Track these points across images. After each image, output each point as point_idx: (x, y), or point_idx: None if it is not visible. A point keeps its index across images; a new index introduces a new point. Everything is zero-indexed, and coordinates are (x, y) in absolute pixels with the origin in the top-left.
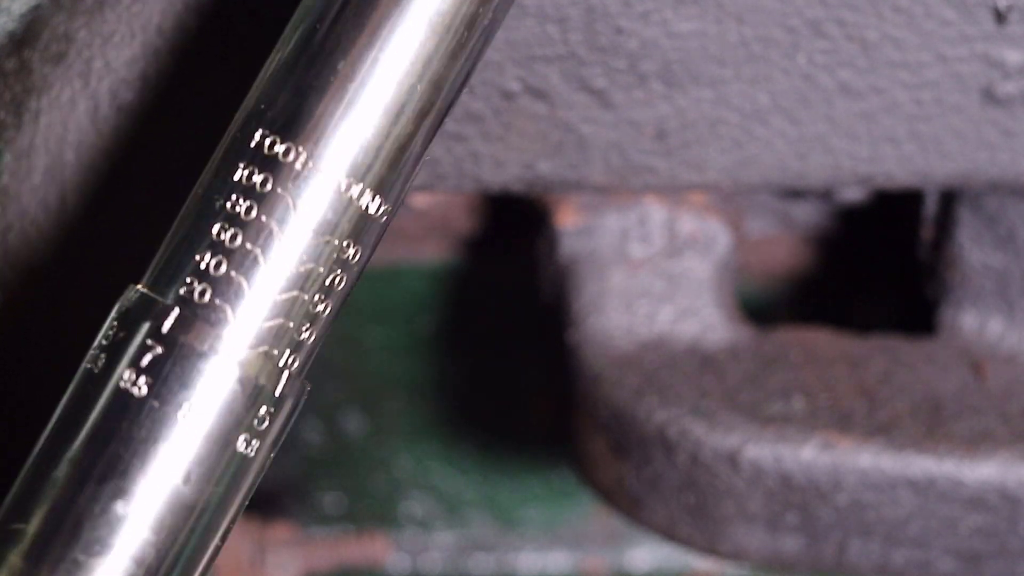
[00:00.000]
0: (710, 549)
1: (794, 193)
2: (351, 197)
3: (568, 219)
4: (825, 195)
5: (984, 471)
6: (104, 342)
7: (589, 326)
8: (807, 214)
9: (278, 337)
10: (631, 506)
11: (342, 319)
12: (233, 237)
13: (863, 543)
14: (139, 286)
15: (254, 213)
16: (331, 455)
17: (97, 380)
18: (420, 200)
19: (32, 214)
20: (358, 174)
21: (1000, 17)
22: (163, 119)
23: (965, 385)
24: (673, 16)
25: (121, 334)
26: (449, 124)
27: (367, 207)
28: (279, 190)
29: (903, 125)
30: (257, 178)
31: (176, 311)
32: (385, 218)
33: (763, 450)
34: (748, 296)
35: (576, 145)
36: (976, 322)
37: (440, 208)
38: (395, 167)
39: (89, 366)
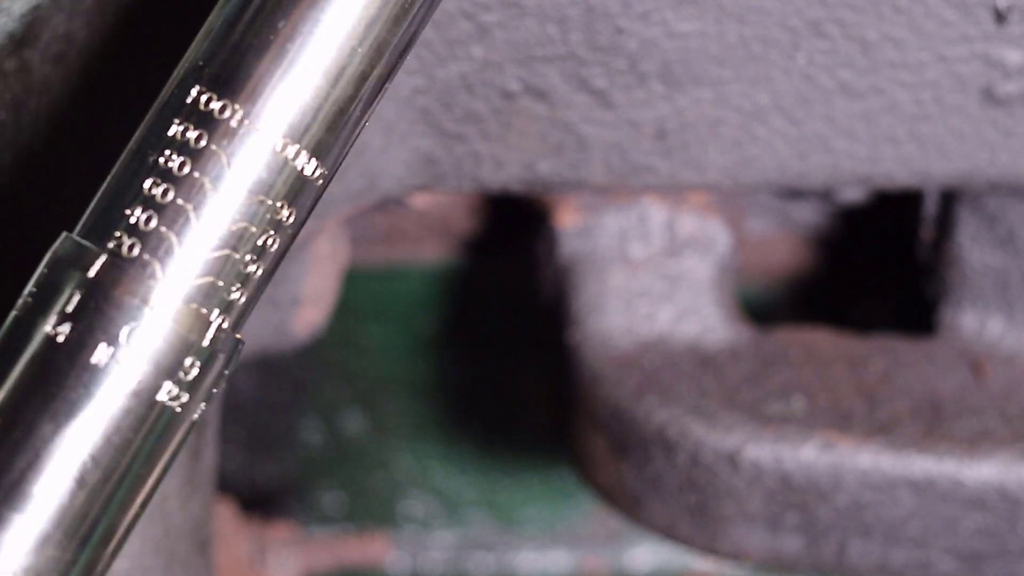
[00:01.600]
0: (710, 549)
1: (794, 193)
2: (287, 158)
3: (568, 219)
4: (825, 195)
5: (984, 471)
6: (34, 288)
7: (589, 326)
8: (807, 214)
9: (207, 295)
10: (631, 506)
11: (342, 319)
12: (165, 192)
13: (863, 543)
14: (72, 235)
15: (187, 169)
16: (331, 455)
17: (24, 325)
18: (420, 200)
19: (32, 214)
20: (295, 135)
21: (1000, 17)
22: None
23: (965, 385)
24: (673, 16)
25: (50, 281)
26: (449, 124)
27: (303, 169)
28: (214, 147)
29: (903, 125)
30: (192, 134)
31: (105, 261)
32: (321, 181)
33: (763, 450)
34: (748, 296)
35: (576, 145)
36: (976, 322)
37: (440, 208)
38: (333, 130)
39: (17, 312)
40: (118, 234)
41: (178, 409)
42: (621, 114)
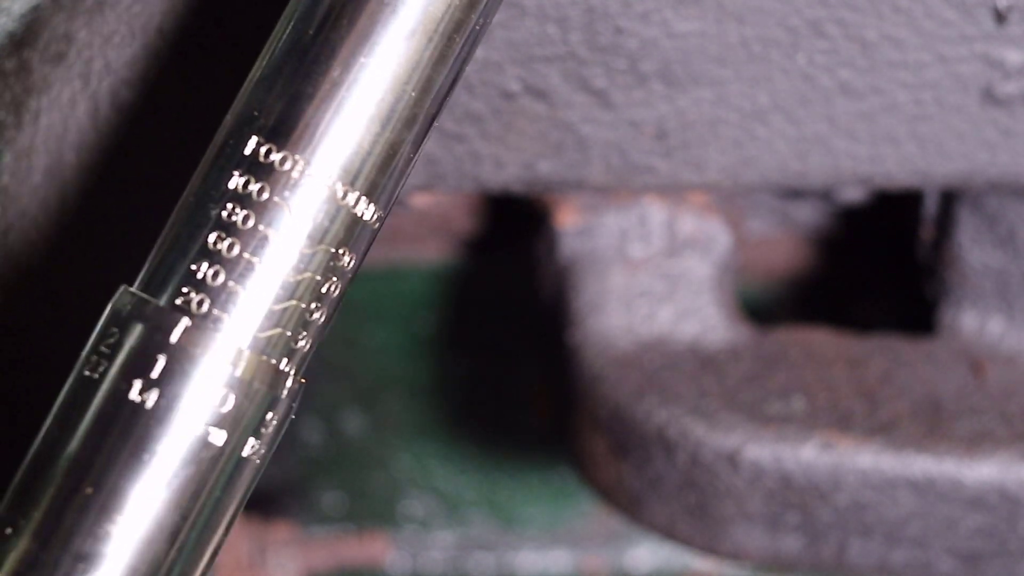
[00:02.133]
0: (710, 549)
1: (794, 193)
2: (346, 204)
3: (568, 219)
4: (825, 195)
5: (984, 471)
6: (100, 345)
7: (589, 326)
8: (807, 214)
9: (275, 345)
10: (631, 506)
11: (342, 319)
12: (231, 246)
13: (863, 543)
14: (132, 288)
15: (251, 222)
16: (331, 455)
17: (93, 384)
18: (420, 200)
19: (32, 214)
20: (351, 180)
21: (1000, 17)
22: (161, 119)
23: (965, 385)
24: (673, 16)
25: (116, 338)
26: (449, 124)
27: (360, 213)
28: (276, 199)
29: (903, 125)
30: (254, 187)
31: (179, 318)
32: (377, 224)
33: (763, 450)
34: (748, 296)
35: (576, 145)
36: (976, 322)
37: (440, 208)
38: (386, 172)
39: (87, 372)
40: (186, 288)
41: (258, 461)
42: (621, 114)
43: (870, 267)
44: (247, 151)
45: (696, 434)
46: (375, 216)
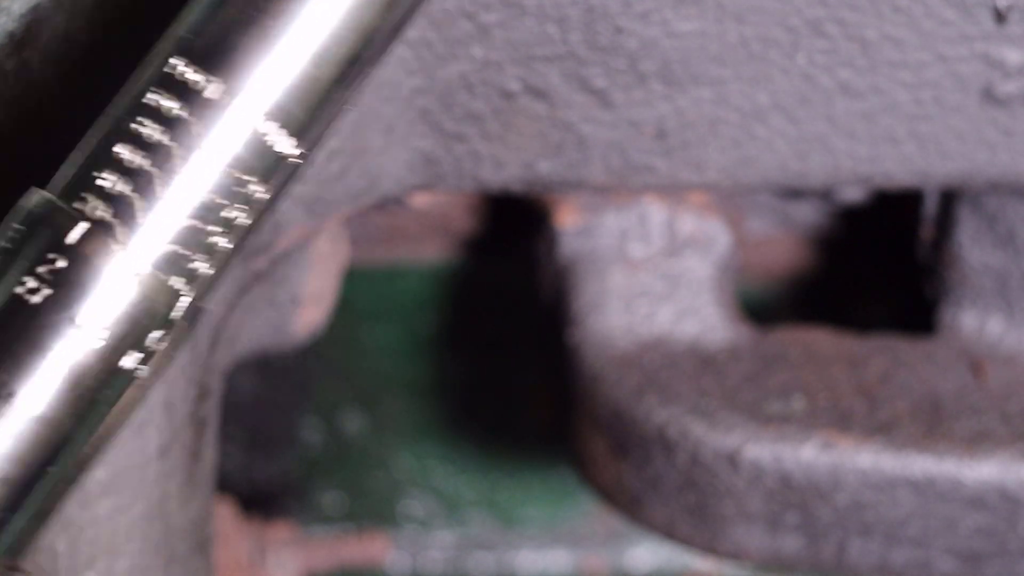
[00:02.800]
0: (710, 549)
1: (794, 193)
2: (262, 134)
3: (568, 219)
4: (825, 195)
5: (984, 471)
6: (6, 244)
7: (589, 326)
8: (807, 214)
9: (173, 263)
10: (631, 506)
11: (342, 319)
12: (135, 158)
13: (863, 543)
14: (43, 192)
15: (159, 136)
16: (331, 455)
17: None
18: (420, 200)
19: None
20: (273, 113)
21: (1000, 17)
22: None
23: (965, 385)
24: (673, 16)
25: (19, 238)
26: (449, 124)
27: (278, 146)
28: (188, 117)
29: (903, 125)
30: (168, 103)
31: (80, 224)
32: (296, 160)
33: (763, 450)
34: (748, 296)
35: (576, 145)
36: (976, 322)
37: (440, 208)
38: (312, 111)
39: None
40: (91, 196)
41: (139, 373)
42: (621, 114)
43: (870, 267)
44: (167, 70)
45: (696, 434)
46: (295, 152)
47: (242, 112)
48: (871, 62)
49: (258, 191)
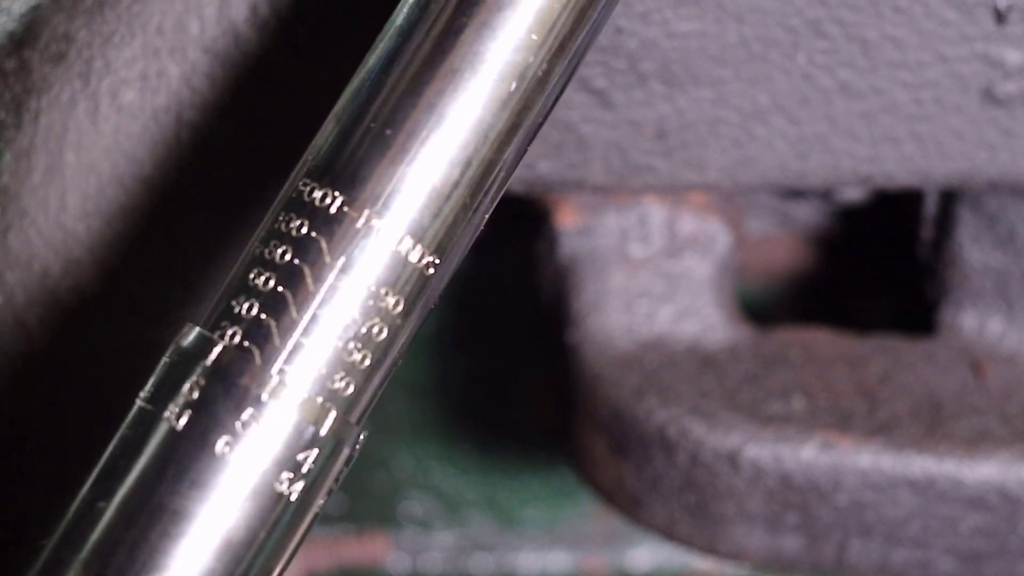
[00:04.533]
0: (710, 549)
1: (794, 193)
2: (389, 246)
3: (568, 219)
4: (825, 195)
5: (984, 471)
6: (167, 383)
7: (589, 326)
8: (807, 214)
9: (315, 383)
10: (631, 506)
11: None
12: (267, 281)
13: (863, 543)
14: (196, 326)
15: (288, 257)
16: None
17: (150, 416)
18: None
19: (32, 214)
20: (402, 225)
21: (1000, 17)
22: (160, 118)
23: (965, 385)
24: (673, 16)
25: (170, 371)
26: None
27: (408, 257)
28: (313, 235)
29: (903, 125)
30: (295, 223)
31: (221, 350)
32: (432, 271)
33: (763, 450)
34: (748, 296)
35: (576, 145)
36: (976, 322)
37: None
38: (444, 222)
39: (142, 404)
40: (224, 323)
41: (294, 497)
42: (621, 114)
43: (870, 267)
44: (295, 194)
45: (696, 434)
46: (425, 262)
47: (371, 226)
48: (871, 62)
49: (391, 302)
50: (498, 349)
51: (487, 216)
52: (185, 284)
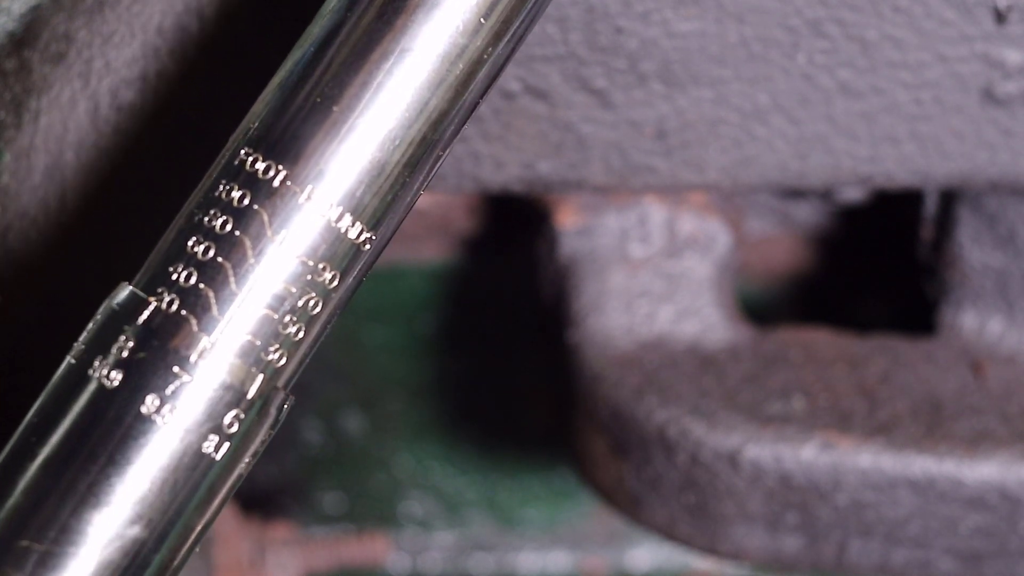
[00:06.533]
0: (710, 549)
1: (794, 193)
2: (330, 221)
3: (568, 219)
4: (825, 195)
5: (984, 471)
6: (87, 336)
7: (589, 326)
8: (807, 214)
9: (248, 352)
10: (631, 506)
11: (342, 319)
12: (206, 250)
13: (863, 543)
14: (129, 285)
15: (228, 227)
16: (331, 455)
17: (76, 372)
18: (420, 200)
19: (32, 214)
20: (340, 201)
21: (1000, 17)
22: (162, 119)
23: (965, 385)
24: (673, 16)
25: (104, 329)
26: None
27: (347, 232)
28: (255, 207)
29: (903, 125)
30: (236, 194)
31: (151, 313)
32: (368, 246)
33: (763, 450)
34: (748, 296)
35: (576, 145)
36: (976, 322)
37: (440, 208)
38: (379, 195)
39: (72, 360)
40: (161, 289)
41: (219, 458)
42: (621, 114)
43: (870, 267)
44: (236, 161)
45: (696, 434)
46: (364, 238)
47: (312, 201)
48: (871, 62)
49: (328, 277)
50: (498, 349)
51: (422, 193)
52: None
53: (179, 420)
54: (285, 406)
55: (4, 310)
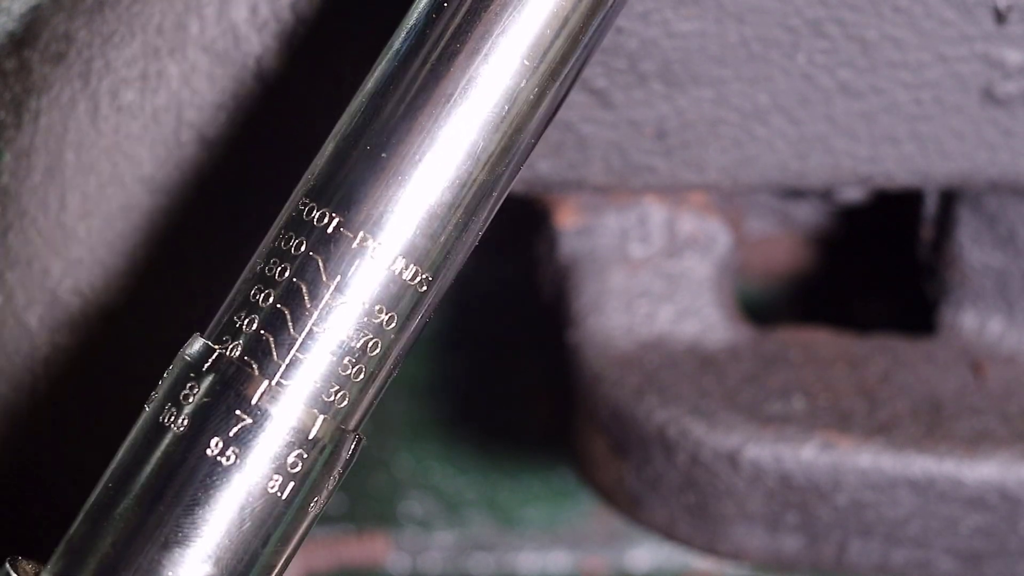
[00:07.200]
0: (710, 549)
1: (794, 193)
2: (382, 264)
3: (568, 219)
4: (825, 195)
5: (984, 471)
6: (161, 386)
7: (589, 326)
8: (807, 214)
9: (306, 394)
10: (631, 506)
11: None
12: (266, 297)
13: (863, 543)
14: (200, 336)
15: (287, 274)
16: None
17: (150, 421)
18: None
19: (32, 214)
20: (394, 244)
21: (1000, 17)
22: (160, 119)
23: (965, 385)
24: (673, 16)
25: (175, 379)
26: None
27: (400, 274)
28: (310, 253)
29: (903, 125)
30: (293, 242)
31: (215, 359)
32: (424, 288)
33: (763, 450)
34: (748, 296)
35: (576, 145)
36: (976, 322)
37: None
38: (433, 238)
39: (147, 409)
40: (226, 337)
41: (284, 497)
42: (621, 114)
43: (870, 267)
44: (295, 212)
45: (696, 434)
46: (419, 279)
47: (364, 246)
48: (871, 62)
49: (385, 319)
50: (498, 349)
51: (480, 234)
52: (184, 284)
53: (242, 461)
54: (353, 446)
55: (4, 310)
